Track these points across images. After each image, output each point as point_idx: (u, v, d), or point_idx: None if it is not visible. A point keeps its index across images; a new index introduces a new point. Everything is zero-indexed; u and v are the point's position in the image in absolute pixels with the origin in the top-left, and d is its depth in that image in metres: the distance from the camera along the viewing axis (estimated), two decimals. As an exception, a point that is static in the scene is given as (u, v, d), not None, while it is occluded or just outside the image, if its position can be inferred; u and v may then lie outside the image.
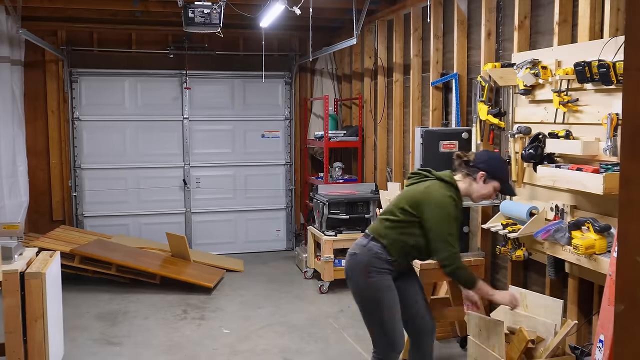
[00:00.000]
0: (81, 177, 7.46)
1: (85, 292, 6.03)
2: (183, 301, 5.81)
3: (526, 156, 3.66)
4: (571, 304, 3.72)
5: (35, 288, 3.66)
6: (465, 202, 3.37)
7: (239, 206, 7.94)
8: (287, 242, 8.13)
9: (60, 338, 4.24)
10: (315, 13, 5.27)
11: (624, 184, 1.07)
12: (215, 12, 5.05)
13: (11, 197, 6.60)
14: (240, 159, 7.88)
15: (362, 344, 4.67)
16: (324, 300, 5.81)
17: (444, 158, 4.33)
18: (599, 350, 2.74)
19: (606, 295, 2.80)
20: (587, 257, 3.20)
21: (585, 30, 3.47)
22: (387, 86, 6.61)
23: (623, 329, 1.08)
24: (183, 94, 7.63)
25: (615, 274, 1.13)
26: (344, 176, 7.34)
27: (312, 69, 8.09)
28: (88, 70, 7.37)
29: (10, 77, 6.60)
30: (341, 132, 7.35)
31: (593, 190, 3.07)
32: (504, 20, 4.47)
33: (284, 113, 7.99)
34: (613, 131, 3.05)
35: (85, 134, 7.44)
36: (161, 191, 7.68)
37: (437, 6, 5.32)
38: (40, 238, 6.35)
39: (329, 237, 6.01)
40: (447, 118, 5.27)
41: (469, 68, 4.95)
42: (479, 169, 3.22)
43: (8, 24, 6.49)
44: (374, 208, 6.26)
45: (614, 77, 3.04)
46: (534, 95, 3.81)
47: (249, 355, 4.53)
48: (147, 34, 7.55)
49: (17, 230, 4.50)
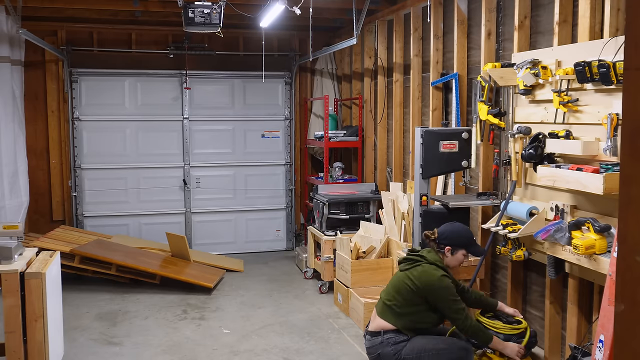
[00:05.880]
0: (81, 177, 7.46)
1: (85, 292, 6.03)
2: (183, 301, 5.81)
3: (526, 156, 3.66)
4: (571, 304, 3.72)
5: (35, 288, 3.67)
6: (465, 201, 3.41)
7: (239, 206, 7.94)
8: (287, 242, 8.13)
9: (60, 338, 4.25)
10: (315, 13, 5.27)
11: (624, 184, 1.07)
12: (215, 12, 5.05)
13: (11, 197, 6.60)
14: (240, 159, 7.88)
15: (362, 344, 4.66)
16: (324, 300, 5.81)
17: (444, 158, 4.33)
18: (599, 350, 2.74)
19: (606, 295, 2.80)
20: (587, 257, 3.20)
21: (585, 30, 3.47)
22: (387, 86, 6.61)
23: (623, 329, 1.08)
24: (183, 94, 7.63)
25: (615, 274, 1.13)
26: (344, 176, 7.34)
27: (312, 69, 8.09)
28: (88, 70, 7.37)
29: (10, 77, 6.61)
30: (341, 132, 7.35)
31: (593, 190, 3.07)
32: (504, 20, 4.47)
33: (284, 113, 7.99)
34: (613, 131, 3.05)
35: (85, 134, 7.44)
36: (161, 191, 7.68)
37: (437, 6, 5.32)
38: (40, 238, 6.35)
39: (329, 237, 6.01)
40: (447, 118, 5.27)
41: (469, 68, 4.95)
42: (444, 245, 3.66)
43: (8, 24, 6.50)
44: (374, 208, 6.26)
45: (614, 77, 3.04)
46: (534, 95, 3.81)
47: (249, 355, 4.53)
48: (147, 34, 7.55)
49: (17, 230, 4.49)
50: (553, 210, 3.67)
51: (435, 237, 3.69)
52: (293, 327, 5.12)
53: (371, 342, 3.61)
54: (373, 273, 5.33)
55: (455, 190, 5.15)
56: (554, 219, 3.62)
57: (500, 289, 4.62)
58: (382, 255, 5.43)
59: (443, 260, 3.65)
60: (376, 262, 5.38)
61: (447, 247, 3.65)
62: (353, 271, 5.29)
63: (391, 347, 3.50)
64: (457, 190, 5.12)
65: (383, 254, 5.44)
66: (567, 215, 3.55)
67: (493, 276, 4.72)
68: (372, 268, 5.35)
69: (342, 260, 5.49)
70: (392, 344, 3.51)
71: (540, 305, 4.17)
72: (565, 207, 3.58)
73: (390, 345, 3.51)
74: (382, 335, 3.55)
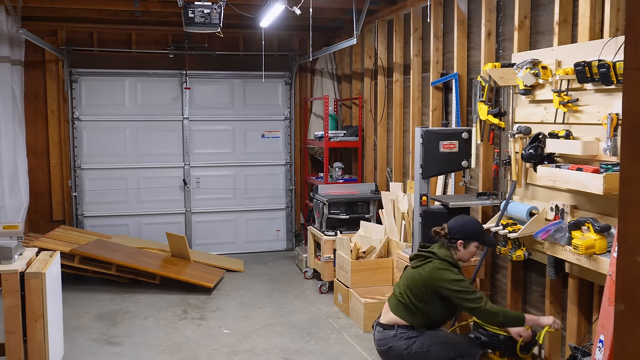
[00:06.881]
0: (81, 177, 7.46)
1: (85, 292, 6.03)
2: (183, 301, 5.81)
3: (526, 156, 3.66)
4: (571, 304, 3.72)
5: (35, 288, 3.67)
6: (465, 202, 3.41)
7: (239, 206, 7.94)
8: (287, 242, 8.13)
9: (60, 338, 4.25)
10: (315, 13, 5.27)
11: (624, 184, 1.07)
12: (215, 12, 5.05)
13: (11, 197, 6.60)
14: (240, 159, 7.88)
15: (362, 344, 4.67)
16: (324, 300, 5.81)
17: (444, 158, 4.33)
18: (599, 350, 2.74)
19: (606, 295, 2.80)
20: (587, 257, 3.20)
21: (585, 30, 3.47)
22: (387, 86, 6.61)
23: (623, 329, 1.08)
24: (183, 94, 7.63)
25: (615, 274, 1.13)
26: (344, 176, 7.34)
27: (312, 69, 8.09)
28: (88, 70, 7.37)
29: (10, 77, 6.60)
30: (341, 132, 7.35)
31: (593, 190, 3.07)
32: (504, 20, 4.47)
33: (284, 113, 7.99)
34: (613, 131, 3.04)
35: (85, 134, 7.44)
36: (161, 191, 7.68)
37: (437, 6, 5.32)
38: (40, 238, 6.35)
39: (329, 237, 6.01)
40: (447, 118, 5.27)
41: (469, 68, 4.95)
42: (455, 239, 3.64)
43: (8, 24, 6.49)
44: (374, 208, 6.26)
45: (614, 77, 3.04)
46: (534, 95, 3.81)
47: (249, 355, 4.53)
48: (147, 34, 7.55)
49: (17, 230, 4.50)
50: (553, 210, 3.67)
51: (445, 232, 3.69)
52: (293, 327, 5.12)
53: (383, 335, 3.63)
54: (373, 273, 5.33)
55: (455, 190, 5.14)
56: (554, 219, 3.62)
57: (500, 289, 4.63)
58: (382, 255, 5.43)
59: (455, 254, 3.65)
60: (376, 262, 5.38)
61: (460, 241, 3.64)
62: (353, 271, 5.29)
63: (403, 342, 3.55)
64: (457, 190, 5.12)
65: (383, 254, 5.44)
66: (567, 215, 3.55)
67: (493, 276, 4.72)
68: (372, 268, 5.35)
69: (342, 260, 5.49)
70: (404, 338, 3.55)
71: (540, 305, 4.17)
72: (565, 207, 3.58)
73: (402, 340, 3.55)
74: (395, 329, 3.59)
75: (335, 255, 5.73)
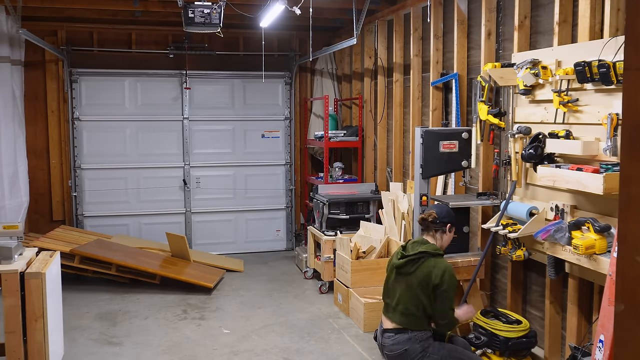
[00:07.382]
0: (81, 177, 7.46)
1: (85, 292, 6.03)
2: (183, 301, 5.81)
3: (526, 156, 3.66)
4: (571, 304, 3.72)
5: (35, 288, 3.67)
6: (465, 202, 3.41)
7: (239, 206, 7.94)
8: (287, 242, 8.13)
9: (60, 338, 4.25)
10: (315, 13, 5.27)
11: (624, 184, 1.07)
12: (215, 12, 5.05)
13: (11, 197, 6.60)
14: (240, 159, 7.88)
15: (362, 344, 4.67)
16: (324, 300, 5.81)
17: (444, 158, 4.33)
18: (599, 350, 2.74)
19: (606, 295, 2.80)
20: (587, 257, 3.20)
21: (585, 30, 3.47)
22: (387, 86, 6.61)
23: (623, 329, 1.08)
24: (183, 94, 7.63)
25: (615, 274, 1.13)
26: (344, 176, 7.34)
27: (312, 69, 8.09)
28: (88, 70, 7.37)
29: (10, 77, 6.60)
30: (341, 132, 7.35)
31: (593, 190, 3.07)
32: (504, 20, 4.47)
33: (284, 113, 7.99)
34: (613, 131, 3.05)
35: (85, 134, 7.44)
36: (161, 191, 7.68)
37: (437, 6, 5.32)
38: (40, 238, 6.35)
39: (329, 237, 6.01)
40: (447, 118, 5.27)
41: (469, 68, 4.95)
42: (445, 222, 3.71)
43: (8, 24, 6.49)
44: (374, 208, 6.26)
45: (614, 77, 3.04)
46: (534, 95, 3.81)
47: (249, 355, 4.53)
48: (147, 34, 7.55)
49: (17, 230, 4.50)
50: (553, 210, 3.67)
51: (434, 217, 3.70)
52: (293, 327, 5.12)
53: (396, 339, 3.56)
54: (373, 273, 5.33)
55: (455, 190, 5.14)
56: (554, 219, 3.62)
57: (500, 289, 4.63)
58: (382, 255, 5.43)
59: (441, 240, 3.71)
60: (376, 262, 5.37)
61: (449, 224, 3.72)
62: (353, 271, 5.29)
63: (419, 344, 3.52)
64: (457, 190, 5.12)
65: (383, 254, 5.44)
66: (567, 215, 3.55)
67: (493, 276, 4.72)
68: (372, 268, 5.35)
69: (342, 260, 5.49)
70: (419, 340, 3.53)
71: (540, 305, 4.17)
72: (565, 207, 3.58)
73: (418, 342, 3.52)
74: (409, 333, 3.54)
75: (335, 255, 5.73)
